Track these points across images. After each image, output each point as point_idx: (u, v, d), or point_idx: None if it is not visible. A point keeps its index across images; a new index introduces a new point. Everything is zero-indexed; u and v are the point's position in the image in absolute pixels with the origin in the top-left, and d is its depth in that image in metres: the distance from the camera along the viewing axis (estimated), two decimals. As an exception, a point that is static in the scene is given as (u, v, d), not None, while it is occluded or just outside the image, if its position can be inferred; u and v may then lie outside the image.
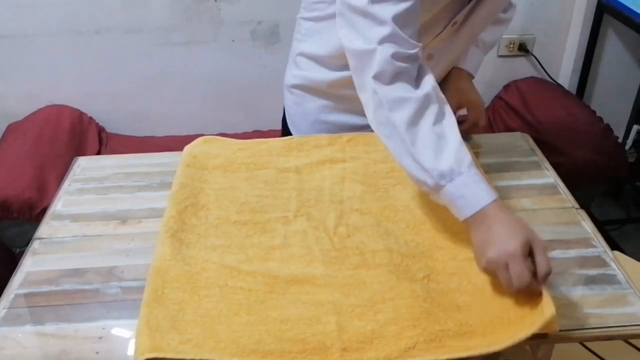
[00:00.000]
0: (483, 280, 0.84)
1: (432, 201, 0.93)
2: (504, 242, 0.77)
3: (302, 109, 1.24)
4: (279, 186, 1.06)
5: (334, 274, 0.88)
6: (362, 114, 0.96)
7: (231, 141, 1.19)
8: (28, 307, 0.85)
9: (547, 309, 0.74)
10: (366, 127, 1.12)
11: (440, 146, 0.84)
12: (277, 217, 0.99)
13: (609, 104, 2.17)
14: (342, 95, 1.17)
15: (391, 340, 0.77)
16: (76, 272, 0.90)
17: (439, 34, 1.03)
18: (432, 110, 0.86)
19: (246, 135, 2.08)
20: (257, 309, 0.82)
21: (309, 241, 0.94)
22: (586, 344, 1.12)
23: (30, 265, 0.92)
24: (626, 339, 1.09)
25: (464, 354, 0.75)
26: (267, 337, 0.78)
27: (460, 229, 0.93)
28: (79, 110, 2.07)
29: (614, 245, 1.86)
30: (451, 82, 1.16)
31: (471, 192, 0.82)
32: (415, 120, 0.85)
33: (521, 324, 0.76)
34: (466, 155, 0.83)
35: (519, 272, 0.75)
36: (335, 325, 0.79)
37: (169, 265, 0.87)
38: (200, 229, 0.96)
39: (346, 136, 1.18)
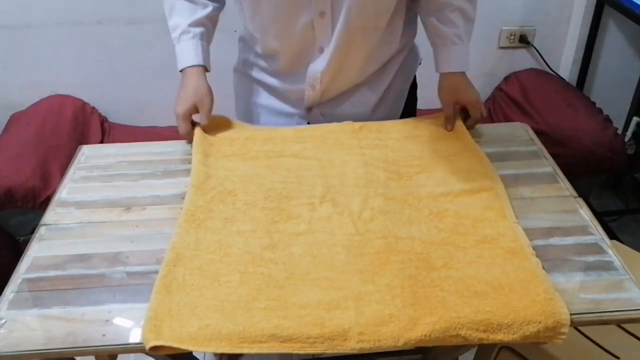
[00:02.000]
0: (501, 271, 0.86)
1: (455, 189, 1.00)
2: (176, 104, 1.15)
3: (238, 91, 1.32)
4: (302, 173, 1.07)
5: (354, 259, 0.88)
6: (285, 100, 1.23)
7: (240, 124, 1.21)
8: (35, 291, 0.86)
9: (563, 326, 0.79)
10: (294, 115, 1.24)
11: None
12: (303, 204, 1.00)
13: (609, 96, 2.18)
14: (254, 78, 1.26)
15: (408, 325, 0.78)
16: (82, 258, 0.92)
17: (309, 24, 1.07)
18: None
19: (248, 125, 2.09)
20: (277, 294, 0.83)
21: (332, 227, 0.95)
22: (582, 329, 1.14)
23: (37, 250, 0.94)
24: (622, 323, 1.11)
25: (476, 343, 0.78)
26: (286, 322, 0.79)
27: (484, 216, 0.96)
28: (81, 100, 2.08)
29: (612, 236, 1.87)
30: (443, 87, 1.19)
31: (181, 54, 1.17)
32: None
33: (536, 327, 0.78)
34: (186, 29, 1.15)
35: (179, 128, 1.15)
36: (354, 310, 0.80)
37: (192, 255, 0.89)
38: (227, 214, 0.98)
39: (357, 124, 1.19)
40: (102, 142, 2.00)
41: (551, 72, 2.20)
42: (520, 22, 2.13)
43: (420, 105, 1.37)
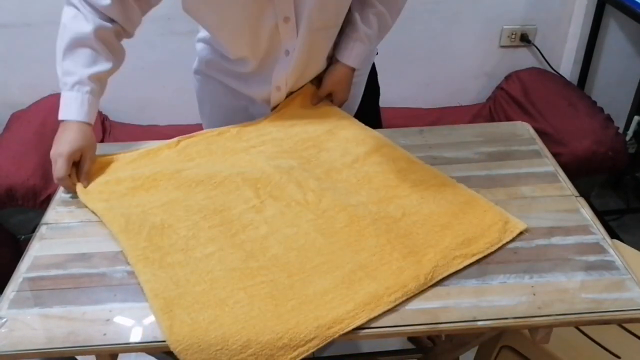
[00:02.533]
0: (447, 202, 0.97)
1: (360, 153, 1.08)
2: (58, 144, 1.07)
3: (202, 94, 1.33)
4: (219, 184, 1.02)
5: (333, 238, 0.91)
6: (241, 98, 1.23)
7: (110, 156, 1.12)
8: (36, 290, 0.87)
9: (516, 222, 0.94)
10: (260, 115, 1.23)
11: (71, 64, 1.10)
12: (246, 209, 0.98)
13: (610, 95, 2.18)
14: (219, 79, 1.25)
15: (416, 268, 0.85)
16: (82, 257, 0.92)
17: (274, 29, 1.08)
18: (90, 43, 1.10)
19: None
20: (291, 293, 0.83)
21: (292, 219, 0.95)
22: (583, 328, 1.14)
23: (38, 249, 0.94)
24: (623, 323, 1.10)
25: (471, 260, 0.87)
26: (320, 311, 0.80)
27: (399, 167, 1.04)
28: (82, 99, 2.07)
29: (613, 236, 1.87)
30: (333, 74, 1.23)
31: (72, 105, 1.08)
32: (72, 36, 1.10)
33: (496, 230, 0.91)
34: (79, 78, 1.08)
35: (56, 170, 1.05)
36: (368, 277, 0.84)
37: (179, 294, 0.83)
38: (179, 245, 0.91)
39: (234, 129, 1.18)
40: (102, 141, 2.00)
41: (552, 71, 2.19)
42: (522, 21, 2.13)
43: (421, 104, 1.37)
